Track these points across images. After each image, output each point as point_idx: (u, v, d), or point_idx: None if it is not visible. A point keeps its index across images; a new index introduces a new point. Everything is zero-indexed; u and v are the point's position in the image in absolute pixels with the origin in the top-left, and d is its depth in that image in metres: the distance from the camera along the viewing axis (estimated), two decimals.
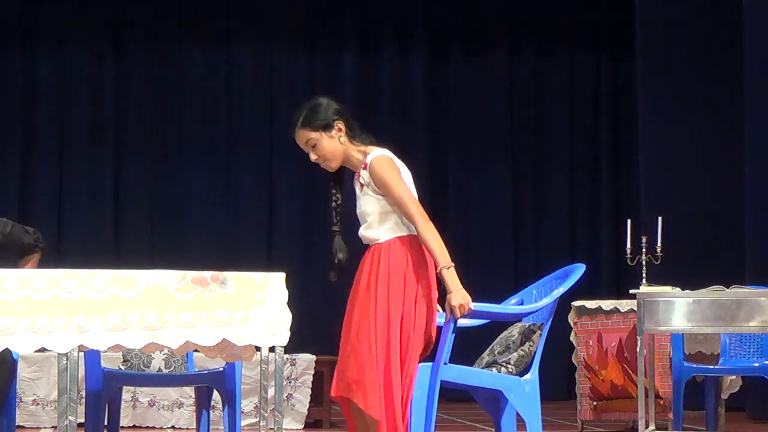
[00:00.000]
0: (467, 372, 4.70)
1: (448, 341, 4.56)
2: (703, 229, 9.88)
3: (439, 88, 11.74)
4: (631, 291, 6.60)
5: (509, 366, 4.71)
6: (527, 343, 4.74)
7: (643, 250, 7.37)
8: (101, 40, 11.32)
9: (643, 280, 7.06)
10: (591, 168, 11.89)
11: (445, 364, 4.57)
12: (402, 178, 4.65)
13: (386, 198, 4.64)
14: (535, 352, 4.75)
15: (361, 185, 4.72)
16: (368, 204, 4.70)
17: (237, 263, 7.93)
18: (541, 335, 4.76)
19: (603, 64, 11.94)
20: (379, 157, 4.67)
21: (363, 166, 4.69)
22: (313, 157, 4.77)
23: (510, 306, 4.90)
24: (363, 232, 4.74)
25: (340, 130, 4.71)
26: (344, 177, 4.87)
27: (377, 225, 4.68)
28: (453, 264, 4.55)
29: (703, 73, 10.03)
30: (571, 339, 7.99)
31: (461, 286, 4.53)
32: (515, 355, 4.73)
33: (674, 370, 7.02)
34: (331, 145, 4.72)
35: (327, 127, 4.71)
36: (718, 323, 6.21)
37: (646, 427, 6.26)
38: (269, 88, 11.55)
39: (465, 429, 8.01)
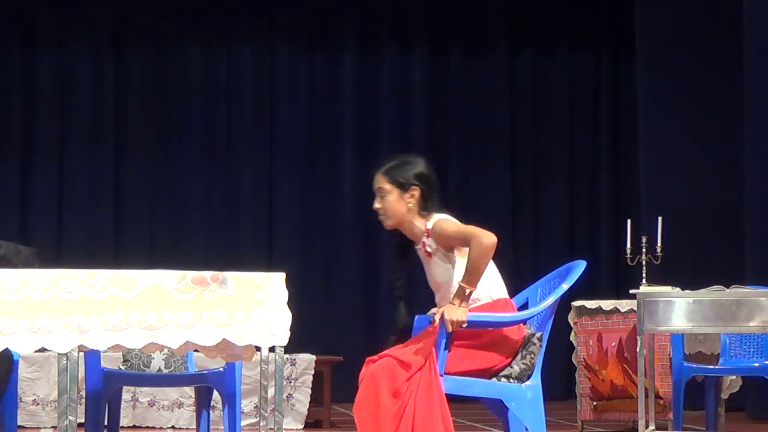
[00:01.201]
0: (464, 382, 4.60)
1: (441, 353, 4.52)
2: (703, 229, 9.88)
3: (439, 88, 11.73)
4: (631, 291, 6.59)
5: (511, 379, 4.66)
6: (528, 357, 4.69)
7: (643, 250, 7.37)
8: (101, 40, 11.32)
9: (643, 280, 7.05)
10: (591, 168, 11.89)
11: (441, 375, 4.50)
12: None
13: (456, 254, 4.60)
14: (535, 363, 4.71)
15: (429, 254, 4.69)
16: (441, 275, 4.67)
17: (237, 263, 7.92)
18: (540, 345, 4.72)
19: (603, 64, 11.94)
20: (440, 219, 4.66)
21: (426, 234, 4.67)
22: (376, 204, 4.76)
23: (508, 313, 4.82)
24: (443, 302, 4.69)
25: (413, 196, 4.70)
26: (409, 248, 4.82)
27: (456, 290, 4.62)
28: (469, 283, 4.52)
29: (703, 73, 10.04)
30: (571, 339, 7.99)
31: (465, 306, 4.52)
32: (516, 369, 4.68)
33: (674, 370, 7.02)
34: (397, 204, 4.71)
35: (402, 186, 4.71)
36: (718, 323, 6.20)
37: (646, 427, 6.26)
38: (269, 88, 11.55)
39: (465, 429, 8.01)
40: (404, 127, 11.60)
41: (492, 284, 4.70)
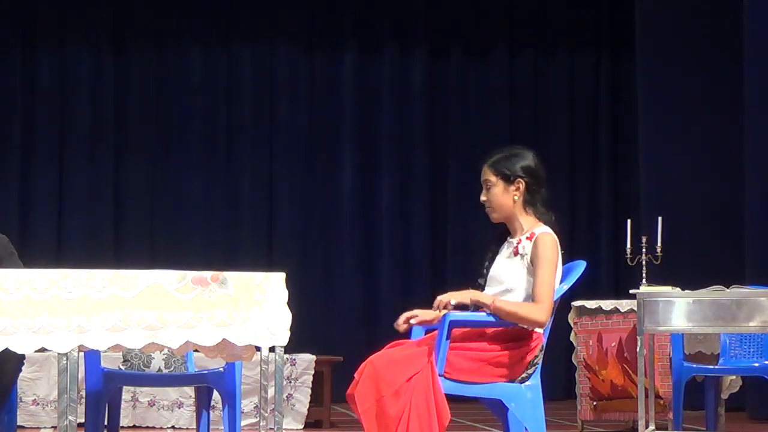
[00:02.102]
0: (464, 384, 4.60)
1: (442, 352, 4.51)
2: (703, 229, 9.87)
3: (439, 88, 11.74)
4: (631, 291, 6.59)
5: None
6: (532, 368, 4.70)
7: (643, 250, 7.37)
8: (101, 40, 11.32)
9: (643, 280, 7.05)
10: (591, 168, 11.89)
11: (440, 375, 4.49)
12: (556, 267, 4.62)
13: (531, 271, 4.59)
14: (537, 366, 4.72)
15: (516, 252, 4.66)
16: (508, 275, 4.65)
17: (237, 263, 7.93)
18: (542, 353, 4.72)
19: (603, 64, 11.94)
20: (550, 235, 4.65)
21: (529, 235, 4.64)
22: (482, 197, 4.77)
23: None
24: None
25: (518, 189, 4.69)
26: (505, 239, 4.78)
27: (509, 297, 4.61)
28: (494, 310, 4.52)
29: (703, 73, 10.04)
30: (571, 339, 7.99)
31: (476, 304, 4.54)
32: (519, 378, 4.69)
33: (674, 370, 7.02)
34: (502, 197, 4.71)
35: (507, 178, 4.71)
36: (718, 323, 6.20)
37: (646, 427, 6.25)
38: (269, 88, 11.55)
39: (465, 429, 8.01)
40: (404, 127, 11.60)
41: None
